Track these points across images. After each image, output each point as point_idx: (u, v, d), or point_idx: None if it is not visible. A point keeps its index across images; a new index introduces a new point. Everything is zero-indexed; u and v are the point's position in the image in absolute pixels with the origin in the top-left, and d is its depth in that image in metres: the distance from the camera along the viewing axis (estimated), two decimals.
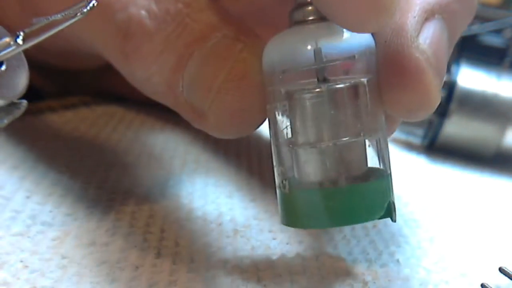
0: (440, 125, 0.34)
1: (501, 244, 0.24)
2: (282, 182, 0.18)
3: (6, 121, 0.18)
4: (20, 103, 0.18)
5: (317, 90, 0.18)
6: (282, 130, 0.19)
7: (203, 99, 0.20)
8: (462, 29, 0.22)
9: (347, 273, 0.20)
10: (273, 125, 0.19)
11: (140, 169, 0.26)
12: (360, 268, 0.21)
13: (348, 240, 0.22)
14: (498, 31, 0.38)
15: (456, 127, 0.34)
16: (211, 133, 0.21)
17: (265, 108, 0.19)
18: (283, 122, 0.19)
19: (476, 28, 0.39)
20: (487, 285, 0.19)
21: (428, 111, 0.19)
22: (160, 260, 0.19)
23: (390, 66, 0.18)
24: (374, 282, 0.20)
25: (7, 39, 0.17)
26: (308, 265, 0.20)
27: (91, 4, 0.17)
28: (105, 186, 0.24)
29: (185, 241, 0.21)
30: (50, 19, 0.17)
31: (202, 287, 0.18)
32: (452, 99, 0.34)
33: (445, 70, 0.20)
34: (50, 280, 0.18)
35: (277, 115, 0.19)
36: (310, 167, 0.18)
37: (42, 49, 0.26)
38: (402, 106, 0.19)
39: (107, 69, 0.27)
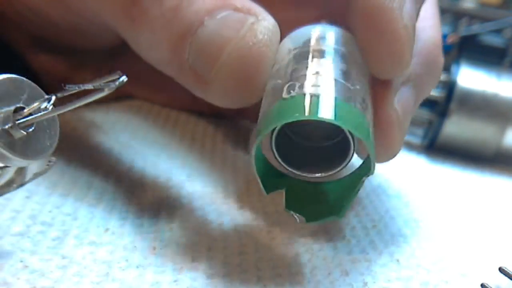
0: (440, 125, 0.34)
1: (501, 244, 0.24)
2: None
3: (31, 178, 0.19)
4: (49, 160, 0.19)
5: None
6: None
7: (210, 66, 0.20)
8: (428, 92, 0.24)
9: (347, 273, 0.20)
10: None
11: (141, 168, 0.26)
12: (360, 268, 0.21)
13: (348, 240, 0.22)
14: (498, 31, 0.38)
15: (456, 127, 0.34)
16: (213, 101, 0.21)
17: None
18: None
19: (476, 28, 0.39)
20: (487, 285, 0.19)
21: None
22: (161, 260, 0.19)
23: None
24: (374, 282, 0.20)
25: (37, 104, 0.17)
26: (308, 265, 0.20)
27: (120, 79, 0.17)
28: (106, 186, 0.24)
29: (185, 242, 0.21)
30: (82, 87, 0.17)
31: (203, 287, 0.18)
32: (452, 99, 0.34)
33: (408, 124, 0.23)
34: (50, 280, 0.18)
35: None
36: None
37: (53, 24, 0.26)
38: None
39: (120, 52, 0.27)
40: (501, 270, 0.20)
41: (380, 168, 0.29)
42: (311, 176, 0.19)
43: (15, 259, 0.18)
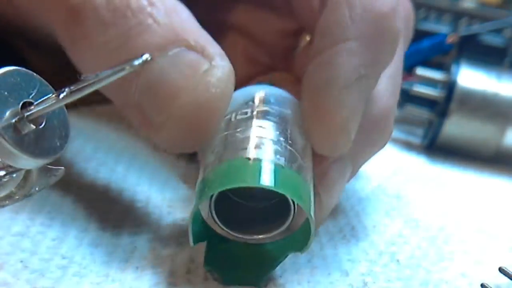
0: (440, 125, 0.34)
1: (501, 244, 0.24)
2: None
3: (37, 189, 0.17)
4: (57, 169, 0.18)
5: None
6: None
7: (158, 112, 0.19)
8: (368, 159, 0.23)
9: (347, 273, 0.20)
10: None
11: (139, 169, 0.26)
12: (360, 268, 0.21)
13: (348, 240, 0.22)
14: (498, 31, 0.38)
15: (456, 127, 0.34)
16: (158, 143, 0.20)
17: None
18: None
19: (476, 28, 0.39)
20: (487, 285, 0.19)
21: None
22: (161, 261, 0.19)
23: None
24: (374, 282, 0.20)
25: (51, 96, 0.16)
26: (308, 265, 0.20)
27: (144, 58, 0.16)
28: (106, 186, 0.24)
29: (186, 242, 0.21)
30: (100, 76, 0.16)
31: (203, 287, 0.18)
32: (452, 99, 0.34)
33: (340, 191, 0.22)
34: (50, 280, 0.18)
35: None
36: None
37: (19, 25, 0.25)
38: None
39: None
40: (501, 270, 0.20)
41: (380, 168, 0.29)
42: (249, 238, 0.19)
43: (15, 259, 0.18)
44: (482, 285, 0.20)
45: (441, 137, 0.35)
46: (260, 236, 0.19)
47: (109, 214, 0.22)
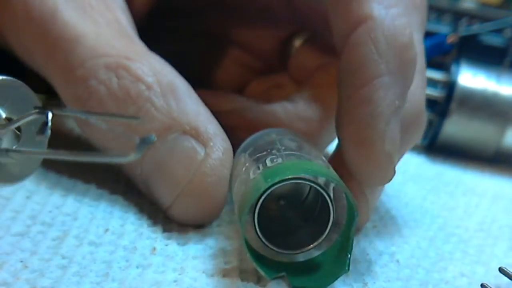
0: (440, 125, 0.34)
1: (501, 244, 0.24)
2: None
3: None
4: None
5: None
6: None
7: (165, 194, 0.21)
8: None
9: (347, 273, 0.20)
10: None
11: None
12: (360, 268, 0.21)
13: None
14: (498, 31, 0.38)
15: (456, 127, 0.34)
16: (171, 217, 0.22)
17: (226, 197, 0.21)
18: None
19: (476, 28, 0.39)
20: (487, 285, 0.19)
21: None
22: (161, 260, 0.19)
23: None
24: (374, 282, 0.20)
25: (30, 114, 0.15)
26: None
27: (151, 140, 0.15)
28: (106, 186, 0.24)
29: (186, 242, 0.21)
30: (87, 115, 0.16)
31: (203, 286, 0.18)
32: (452, 99, 0.34)
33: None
34: (50, 280, 0.18)
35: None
36: None
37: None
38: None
39: None
40: (501, 270, 0.20)
41: None
42: (304, 251, 0.20)
43: (15, 259, 0.18)
44: (482, 285, 0.20)
45: (441, 137, 0.35)
46: (307, 248, 0.20)
47: (109, 214, 0.22)
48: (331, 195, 0.19)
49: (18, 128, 0.15)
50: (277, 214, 0.21)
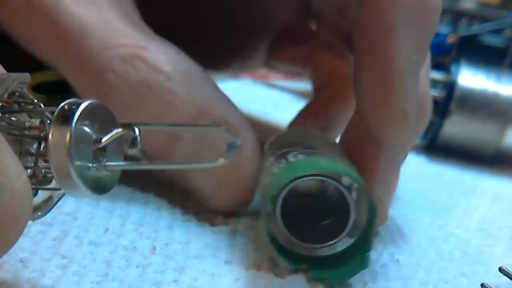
0: (440, 125, 0.34)
1: (501, 244, 0.24)
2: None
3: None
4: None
5: None
6: None
7: (204, 186, 0.21)
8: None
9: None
10: None
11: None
12: None
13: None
14: (498, 31, 0.38)
15: (456, 127, 0.34)
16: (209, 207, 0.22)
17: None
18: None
19: (476, 28, 0.39)
20: (487, 285, 0.19)
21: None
22: (161, 260, 0.19)
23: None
24: (374, 282, 0.20)
25: (119, 132, 0.15)
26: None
27: (237, 144, 0.16)
28: None
29: (186, 242, 0.21)
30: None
31: (203, 286, 0.18)
32: (452, 99, 0.34)
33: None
34: (50, 280, 0.18)
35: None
36: None
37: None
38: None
39: None
40: (501, 270, 0.20)
41: None
42: (325, 245, 0.20)
43: (15, 259, 0.18)
44: (482, 285, 0.19)
45: (441, 137, 0.35)
46: (328, 243, 0.20)
47: (109, 214, 0.22)
48: (354, 194, 0.19)
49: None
50: (301, 209, 0.21)
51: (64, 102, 0.15)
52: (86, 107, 0.14)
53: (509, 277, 0.19)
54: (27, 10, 0.21)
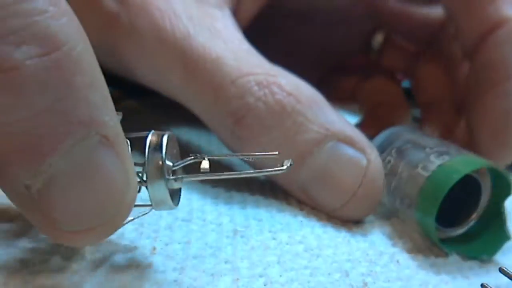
0: None
1: None
2: None
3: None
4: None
5: None
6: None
7: (333, 199, 0.23)
8: None
9: (347, 273, 0.20)
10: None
11: None
12: (360, 268, 0.21)
13: (348, 240, 0.22)
14: None
15: None
16: (339, 216, 0.24)
17: None
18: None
19: None
20: (487, 285, 0.19)
21: None
22: (162, 260, 0.19)
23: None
24: (374, 283, 0.20)
25: (191, 159, 0.18)
26: (308, 265, 0.20)
27: (288, 163, 0.18)
28: None
29: (186, 242, 0.21)
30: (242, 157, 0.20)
31: (203, 286, 0.18)
32: None
33: None
34: (49, 280, 0.18)
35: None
36: None
37: None
38: None
39: None
40: (501, 270, 0.20)
41: None
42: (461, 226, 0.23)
43: (15, 259, 0.18)
44: (482, 285, 0.20)
45: None
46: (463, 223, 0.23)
47: None
48: (479, 178, 0.23)
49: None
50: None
51: (150, 134, 0.18)
52: (168, 137, 0.18)
53: (509, 277, 0.19)
54: (159, 44, 0.23)
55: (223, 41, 0.23)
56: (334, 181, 0.21)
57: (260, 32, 0.26)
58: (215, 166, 0.19)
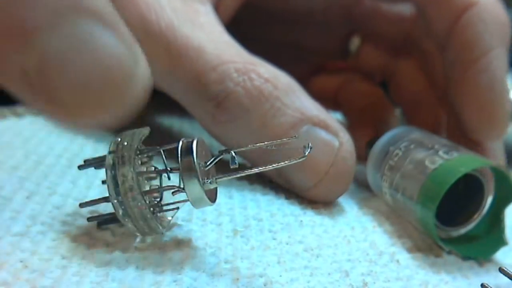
0: None
1: None
2: None
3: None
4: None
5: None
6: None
7: (306, 179, 0.24)
8: None
9: (347, 273, 0.20)
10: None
11: None
12: (360, 268, 0.21)
13: (348, 240, 0.22)
14: None
15: None
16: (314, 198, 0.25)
17: None
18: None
19: None
20: (487, 285, 0.19)
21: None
22: (161, 260, 0.19)
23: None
24: (374, 283, 0.20)
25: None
26: (308, 265, 0.20)
27: (308, 150, 0.19)
28: (106, 187, 0.24)
29: (186, 242, 0.21)
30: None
31: (203, 286, 0.18)
32: None
33: None
34: (50, 280, 0.18)
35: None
36: None
37: None
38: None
39: None
40: (501, 270, 0.20)
41: None
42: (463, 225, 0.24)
43: (15, 259, 0.18)
44: (482, 285, 0.19)
45: None
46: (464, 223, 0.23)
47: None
48: (487, 178, 0.23)
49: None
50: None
51: (181, 142, 0.19)
52: (197, 142, 0.19)
53: (509, 277, 0.19)
54: (145, 34, 0.24)
55: (205, 33, 0.25)
56: (308, 161, 0.21)
57: (238, 32, 0.26)
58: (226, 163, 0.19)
